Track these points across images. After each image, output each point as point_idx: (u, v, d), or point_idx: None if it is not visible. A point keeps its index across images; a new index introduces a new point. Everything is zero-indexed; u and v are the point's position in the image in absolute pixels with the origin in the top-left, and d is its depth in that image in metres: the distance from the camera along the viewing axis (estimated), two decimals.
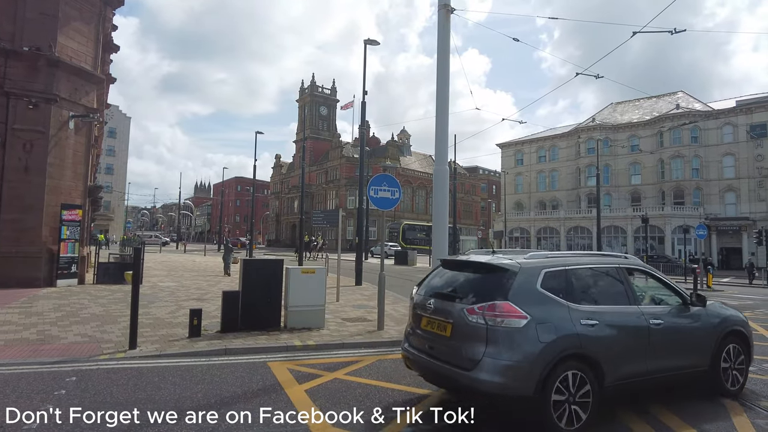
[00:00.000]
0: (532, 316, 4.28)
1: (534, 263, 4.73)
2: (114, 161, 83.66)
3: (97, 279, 15.23)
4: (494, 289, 4.49)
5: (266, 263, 9.23)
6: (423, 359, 4.86)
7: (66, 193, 14.43)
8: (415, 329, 5.13)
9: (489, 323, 4.28)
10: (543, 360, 4.18)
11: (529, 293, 4.45)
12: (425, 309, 4.93)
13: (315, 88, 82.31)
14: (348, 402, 5.03)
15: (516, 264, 4.64)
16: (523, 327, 4.24)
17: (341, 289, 13.79)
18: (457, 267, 5.35)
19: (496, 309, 4.30)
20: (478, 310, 4.38)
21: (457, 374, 4.36)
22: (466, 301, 4.60)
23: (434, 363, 4.68)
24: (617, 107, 58.74)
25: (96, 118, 15.33)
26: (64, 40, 14.30)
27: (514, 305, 4.31)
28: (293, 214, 74.88)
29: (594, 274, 5.08)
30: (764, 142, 44.22)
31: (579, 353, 4.37)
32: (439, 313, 4.75)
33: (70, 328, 8.26)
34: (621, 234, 48.40)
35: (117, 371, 5.98)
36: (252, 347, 7.30)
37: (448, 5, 9.50)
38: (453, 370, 4.42)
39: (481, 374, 4.19)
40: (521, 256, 4.93)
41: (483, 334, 4.28)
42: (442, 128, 9.42)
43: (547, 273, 4.66)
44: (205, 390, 5.36)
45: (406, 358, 5.19)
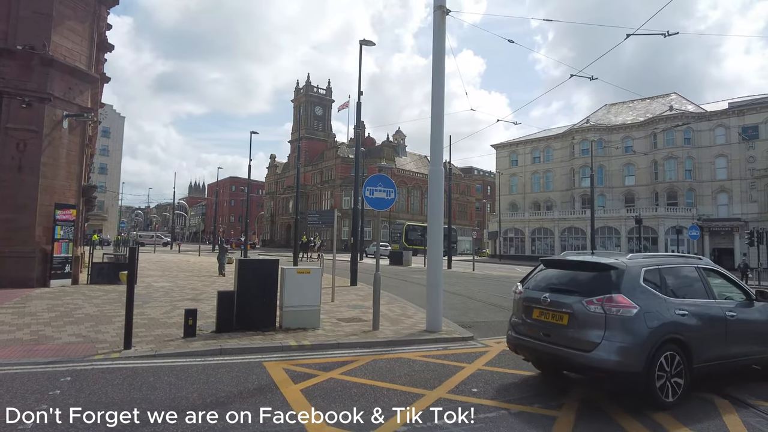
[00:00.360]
0: (640, 306, 5.14)
1: (636, 262, 5.64)
2: (108, 161, 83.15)
3: (91, 279, 15.15)
4: (608, 284, 5.32)
5: (261, 263, 9.23)
6: (537, 344, 5.67)
7: (60, 192, 14.35)
8: (525, 320, 5.94)
9: (607, 312, 5.11)
10: (650, 342, 5.04)
11: (635, 287, 5.32)
12: (539, 302, 5.72)
13: (310, 88, 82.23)
14: (344, 401, 5.06)
15: (623, 263, 5.54)
16: (633, 315, 5.08)
17: (336, 289, 13.80)
18: (565, 266, 6.21)
19: (613, 301, 5.14)
20: (596, 301, 5.21)
21: (575, 355, 5.20)
22: (583, 294, 5.39)
23: (550, 347, 5.48)
24: (611, 108, 59.05)
25: (90, 118, 15.25)
26: (58, 39, 14.22)
27: (626, 297, 5.17)
28: (288, 214, 74.80)
29: (680, 272, 5.97)
30: (756, 144, 44.61)
31: (675, 338, 5.23)
32: (554, 305, 5.55)
33: (64, 329, 8.22)
34: (615, 235, 48.66)
35: (112, 371, 5.97)
36: (247, 347, 7.31)
37: (444, 7, 9.56)
38: (570, 352, 5.25)
39: (600, 354, 5.01)
40: (621, 256, 5.94)
41: (602, 321, 5.11)
42: (438, 129, 9.47)
43: (646, 270, 5.56)
44: (200, 390, 5.36)
45: (513, 344, 6.07)
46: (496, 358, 7.37)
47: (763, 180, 43.23)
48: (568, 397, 5.44)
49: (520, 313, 6.11)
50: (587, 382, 5.83)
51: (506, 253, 56.72)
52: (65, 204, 14.24)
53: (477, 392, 5.56)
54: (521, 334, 5.95)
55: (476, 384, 5.90)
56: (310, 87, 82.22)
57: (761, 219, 42.23)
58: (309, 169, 75.31)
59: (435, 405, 4.97)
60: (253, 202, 73.42)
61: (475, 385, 5.86)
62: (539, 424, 4.68)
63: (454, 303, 13.85)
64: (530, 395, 5.53)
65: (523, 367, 6.77)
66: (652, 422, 4.74)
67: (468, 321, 10.82)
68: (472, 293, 17.23)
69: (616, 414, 4.95)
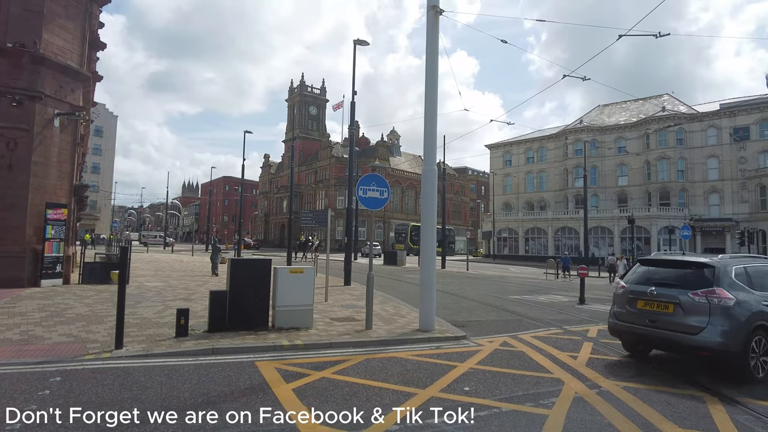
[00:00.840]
0: (735, 298, 6.34)
1: (727, 262, 6.91)
2: (100, 160, 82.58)
3: (83, 279, 15.03)
4: (707, 280, 6.55)
5: (254, 263, 9.19)
6: (641, 329, 6.90)
7: (51, 191, 14.23)
8: (629, 309, 7.14)
9: (711, 302, 6.31)
10: (745, 327, 6.21)
11: (730, 282, 6.51)
12: (645, 294, 6.92)
13: (304, 87, 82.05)
14: (336, 401, 5.05)
15: (718, 262, 6.76)
16: (732, 305, 6.28)
17: (330, 289, 13.78)
18: (666, 265, 7.53)
19: (715, 293, 6.35)
20: (701, 293, 6.41)
21: (683, 338, 6.42)
22: (686, 287, 6.59)
23: (656, 331, 6.73)
24: (604, 109, 59.32)
25: (82, 116, 15.12)
26: (49, 36, 14.09)
27: (725, 290, 6.37)
28: (282, 214, 74.60)
29: (762, 270, 7.10)
30: (747, 145, 44.99)
31: (764, 324, 6.36)
32: (660, 296, 6.75)
33: (54, 329, 8.15)
34: (608, 234, 48.89)
35: (103, 371, 5.93)
36: (239, 347, 7.28)
37: (437, 7, 9.57)
38: (678, 335, 6.47)
39: (706, 337, 6.22)
40: (712, 257, 7.22)
41: (706, 310, 6.31)
42: (431, 129, 9.47)
43: (736, 269, 6.77)
44: (191, 389, 5.34)
45: (616, 329, 7.42)
46: (488, 357, 7.39)
47: (754, 180, 43.61)
48: (560, 396, 5.46)
49: (624, 304, 7.28)
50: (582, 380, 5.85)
51: (500, 253, 56.86)
52: (56, 203, 14.12)
53: (469, 391, 5.57)
54: (624, 321, 7.20)
55: (468, 383, 5.91)
56: (304, 86, 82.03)
57: (752, 219, 42.62)
58: (303, 169, 75.14)
59: (427, 404, 4.98)
60: (246, 201, 73.15)
61: (467, 383, 5.88)
62: (530, 422, 4.69)
63: (448, 302, 13.87)
64: (522, 394, 5.54)
65: (515, 366, 6.81)
66: (643, 420, 4.78)
67: (461, 320, 10.84)
68: (465, 293, 17.26)
69: (607, 413, 4.97)
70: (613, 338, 7.95)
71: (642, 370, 6.95)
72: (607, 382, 6.12)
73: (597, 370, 6.77)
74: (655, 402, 5.36)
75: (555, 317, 11.97)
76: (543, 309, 13.50)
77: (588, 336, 9.43)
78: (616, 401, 5.34)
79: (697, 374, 6.62)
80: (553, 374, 6.44)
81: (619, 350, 8.00)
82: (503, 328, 10.14)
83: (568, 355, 7.64)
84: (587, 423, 4.72)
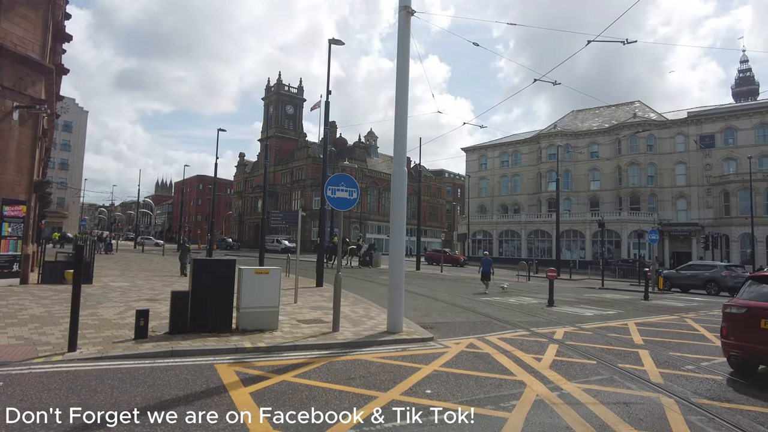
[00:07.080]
0: None
1: None
2: (69, 156, 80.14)
3: (43, 278, 14.49)
4: None
5: (218, 263, 8.97)
6: None
7: (8, 187, 13.65)
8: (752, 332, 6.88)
9: None
10: None
11: None
12: None
13: (281, 86, 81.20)
14: (293, 404, 4.92)
15: None
16: None
17: (301, 290, 13.60)
18: None
19: None
20: None
21: None
22: None
23: None
24: (578, 115, 60.48)
25: (44, 110, 14.55)
26: (8, 25, 13.51)
27: None
28: (257, 213, 73.59)
29: None
30: (712, 152, 46.49)
31: None
32: None
33: (4, 330, 7.78)
34: (580, 238, 49.79)
35: (51, 375, 5.66)
36: (200, 349, 7.08)
37: (409, 7, 9.57)
38: None
39: None
40: None
41: None
42: (401, 129, 9.45)
43: None
44: (144, 393, 5.14)
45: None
46: (453, 359, 7.36)
47: (718, 187, 45.03)
48: (521, 399, 5.46)
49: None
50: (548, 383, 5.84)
51: (475, 255, 57.31)
52: (14, 200, 13.56)
53: (430, 393, 5.52)
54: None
55: (431, 385, 5.86)
56: (281, 85, 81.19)
57: (716, 224, 44.00)
58: (279, 169, 74.33)
59: (387, 406, 4.91)
60: (221, 201, 71.99)
61: (429, 386, 5.82)
62: (489, 425, 4.66)
63: (418, 304, 13.85)
64: (483, 397, 5.51)
65: (479, 369, 6.79)
66: (601, 423, 4.79)
67: (430, 322, 10.82)
68: (437, 294, 17.28)
69: (566, 415, 4.98)
70: (579, 341, 7.98)
71: (604, 371, 7.01)
72: (569, 384, 6.15)
73: (560, 372, 6.80)
74: (614, 404, 5.40)
75: (523, 319, 12.06)
76: (512, 311, 13.59)
77: (554, 338, 9.50)
78: (576, 404, 5.36)
79: None
80: (516, 376, 6.44)
81: (583, 352, 8.08)
82: (471, 329, 10.15)
83: (533, 357, 7.67)
84: (546, 426, 4.71)
